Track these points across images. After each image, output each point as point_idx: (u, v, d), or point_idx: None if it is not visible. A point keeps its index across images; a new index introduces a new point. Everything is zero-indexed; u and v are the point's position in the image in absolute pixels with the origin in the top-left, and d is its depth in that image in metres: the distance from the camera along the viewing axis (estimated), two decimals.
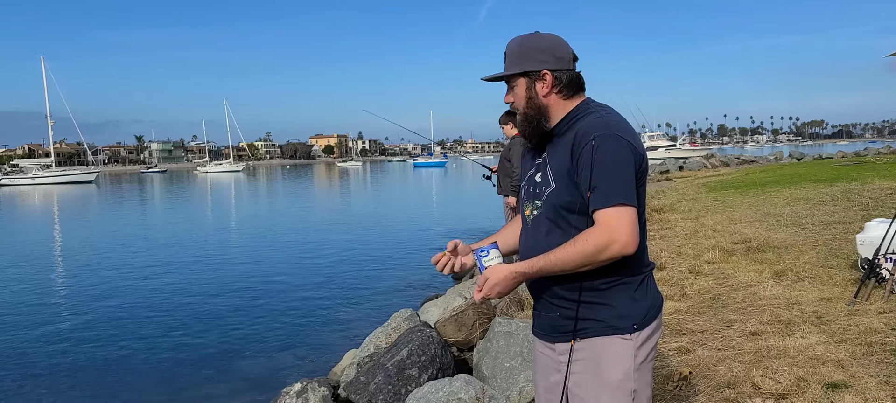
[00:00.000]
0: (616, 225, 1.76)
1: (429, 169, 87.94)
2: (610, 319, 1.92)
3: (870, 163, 20.75)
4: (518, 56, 1.96)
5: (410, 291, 10.44)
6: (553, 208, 1.93)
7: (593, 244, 1.77)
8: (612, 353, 1.91)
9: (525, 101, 1.97)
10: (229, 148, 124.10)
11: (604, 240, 1.77)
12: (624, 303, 1.91)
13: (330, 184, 56.20)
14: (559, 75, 1.94)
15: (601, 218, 1.78)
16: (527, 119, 1.99)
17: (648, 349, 1.95)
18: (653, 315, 1.97)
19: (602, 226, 1.78)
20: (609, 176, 1.78)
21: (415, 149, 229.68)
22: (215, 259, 14.73)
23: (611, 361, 1.91)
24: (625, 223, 1.77)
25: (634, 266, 1.92)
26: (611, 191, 1.77)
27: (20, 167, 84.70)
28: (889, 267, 4.99)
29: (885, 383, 3.42)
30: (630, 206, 1.78)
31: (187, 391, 6.54)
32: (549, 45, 1.95)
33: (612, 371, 1.91)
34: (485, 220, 17.99)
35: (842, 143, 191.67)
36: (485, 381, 4.27)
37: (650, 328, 1.96)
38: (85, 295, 11.15)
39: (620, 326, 1.91)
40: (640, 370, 1.93)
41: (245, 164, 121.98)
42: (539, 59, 1.94)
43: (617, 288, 1.91)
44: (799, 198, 11.42)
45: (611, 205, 1.77)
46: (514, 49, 1.97)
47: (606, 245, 1.77)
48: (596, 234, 1.78)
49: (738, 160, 41.70)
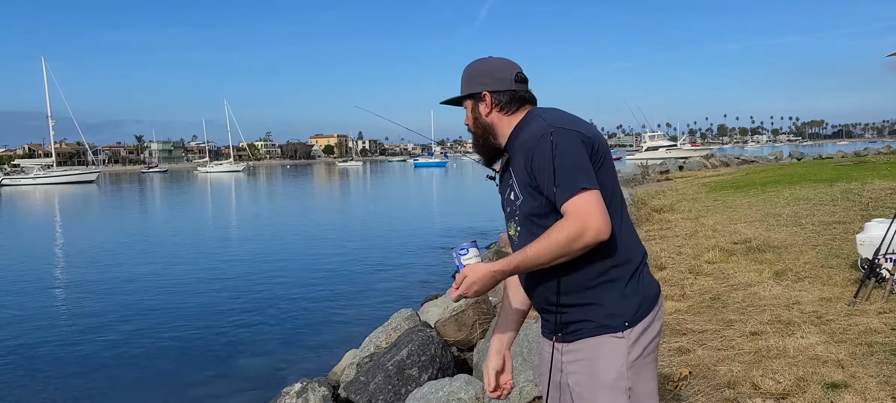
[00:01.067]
0: (585, 211, 1.78)
1: (429, 169, 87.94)
2: (601, 318, 1.93)
3: (870, 163, 20.76)
4: (465, 81, 2.10)
5: (410, 291, 10.45)
6: (526, 218, 1.97)
7: (566, 233, 1.79)
8: (605, 353, 1.93)
9: (473, 122, 2.11)
10: (229, 148, 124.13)
11: (576, 229, 1.78)
12: (614, 301, 1.93)
13: (330, 184, 56.21)
14: (498, 97, 2.05)
15: (570, 209, 1.80)
16: (474, 137, 2.12)
17: (644, 344, 1.95)
18: (646, 309, 1.97)
19: (571, 215, 1.80)
20: (565, 168, 1.82)
21: (415, 149, 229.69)
22: (216, 259, 14.74)
23: (604, 361, 1.93)
24: (593, 208, 1.79)
25: (621, 259, 1.94)
26: (572, 181, 1.81)
27: (21, 167, 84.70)
28: (889, 267, 4.99)
29: (885, 383, 3.42)
30: (594, 190, 1.81)
31: (188, 390, 6.55)
32: (492, 68, 2.08)
33: (605, 370, 1.93)
34: (487, 220, 18.01)
35: (842, 143, 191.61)
36: None
37: (644, 323, 1.95)
38: (86, 294, 11.16)
39: (611, 325, 1.93)
40: (634, 367, 1.93)
41: (245, 164, 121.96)
42: (480, 82, 2.07)
43: (606, 286, 1.93)
44: (799, 198, 11.43)
45: (575, 194, 1.80)
46: (464, 75, 2.12)
47: (579, 232, 1.78)
48: (567, 223, 1.80)
49: (738, 160, 41.72)
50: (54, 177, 67.61)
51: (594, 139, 1.92)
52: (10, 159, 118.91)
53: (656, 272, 6.45)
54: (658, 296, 2.03)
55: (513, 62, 2.11)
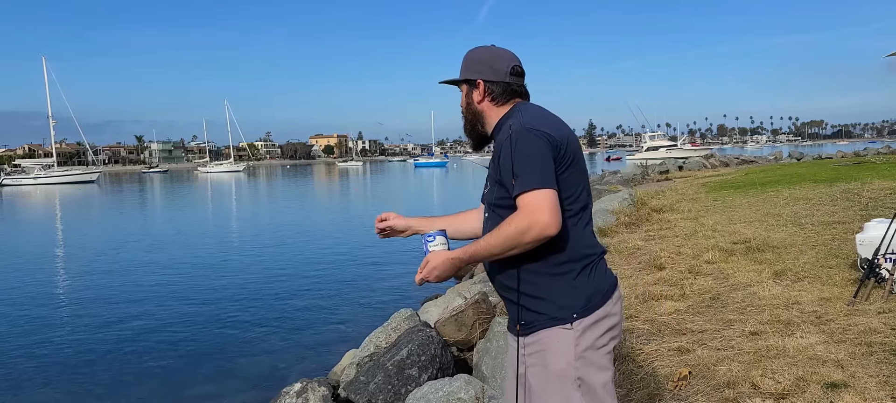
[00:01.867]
0: (535, 207, 1.86)
1: (430, 169, 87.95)
2: (552, 311, 2.00)
3: (869, 163, 20.76)
4: (464, 65, 2.18)
5: (410, 291, 10.45)
6: (491, 207, 2.08)
7: (515, 227, 1.87)
8: (554, 344, 1.99)
9: (465, 106, 2.20)
10: (230, 148, 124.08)
11: (525, 223, 1.86)
12: (563, 293, 1.99)
13: (331, 184, 56.20)
14: (491, 86, 2.12)
15: (521, 203, 1.89)
16: (465, 120, 2.22)
17: (594, 336, 1.99)
18: (597, 302, 2.01)
19: (522, 210, 1.88)
20: (524, 165, 1.90)
21: (415, 150, 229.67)
22: (216, 259, 14.74)
23: (554, 352, 1.98)
24: (544, 205, 1.86)
25: (573, 255, 2.00)
26: (528, 177, 1.88)
27: (22, 167, 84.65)
28: (888, 267, 4.99)
29: (884, 383, 3.43)
30: (548, 189, 1.88)
31: (188, 390, 6.55)
32: (490, 57, 2.15)
33: (555, 361, 1.98)
34: None
35: (841, 143, 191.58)
36: (485, 381, 4.28)
37: (595, 315, 2.00)
38: (87, 293, 11.16)
39: (561, 317, 1.99)
40: (584, 358, 1.97)
41: (246, 164, 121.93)
42: (476, 69, 2.14)
43: (556, 278, 2.00)
44: (799, 198, 11.43)
45: (529, 190, 1.87)
46: (464, 59, 2.20)
47: (528, 227, 1.86)
48: (517, 218, 1.88)
49: (737, 160, 41.72)
50: (55, 177, 67.60)
51: (562, 141, 1.98)
52: (10, 159, 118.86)
53: (656, 271, 6.46)
54: (613, 290, 2.07)
55: (512, 54, 2.18)
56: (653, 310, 5.20)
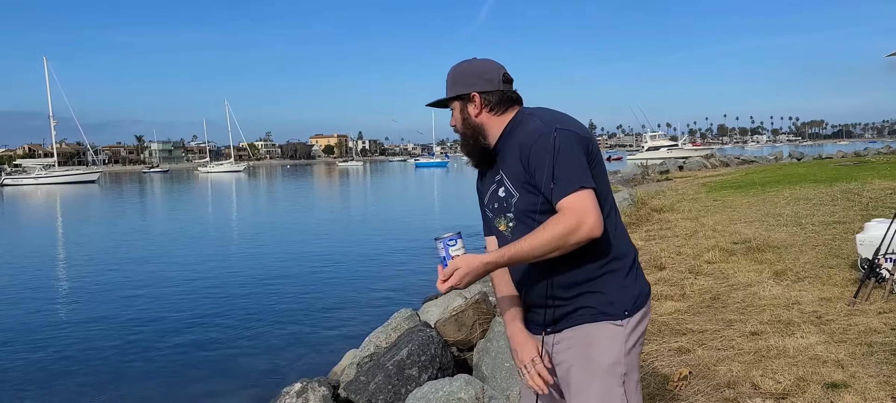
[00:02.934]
0: (581, 208, 1.85)
1: (431, 169, 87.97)
2: (600, 305, 1.99)
3: (870, 163, 20.75)
4: (452, 82, 2.12)
5: (410, 291, 10.45)
6: (523, 213, 2.01)
7: (563, 227, 1.84)
8: (603, 338, 1.98)
9: (461, 123, 2.12)
10: (230, 148, 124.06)
11: (572, 223, 1.84)
12: (614, 289, 1.99)
13: (331, 184, 56.22)
14: (487, 97, 2.08)
15: (566, 205, 1.87)
16: (464, 138, 2.13)
17: (638, 334, 2.02)
18: (642, 301, 2.04)
19: (568, 211, 1.86)
20: (563, 166, 1.88)
21: (415, 149, 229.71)
22: (217, 259, 14.75)
23: (602, 346, 1.98)
24: (589, 205, 1.86)
25: (619, 253, 2.01)
26: (569, 178, 1.87)
27: (23, 167, 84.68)
28: (889, 267, 4.99)
29: (884, 383, 3.43)
30: (589, 189, 1.88)
31: (188, 390, 6.55)
32: (479, 69, 2.10)
33: (603, 355, 1.97)
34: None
35: (842, 143, 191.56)
36: (485, 381, 4.28)
37: (640, 313, 2.02)
38: (87, 293, 11.16)
39: (611, 312, 1.98)
40: (630, 354, 1.99)
41: (246, 164, 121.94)
42: (468, 83, 2.09)
43: (606, 276, 1.99)
44: (799, 198, 11.43)
45: (572, 191, 1.86)
46: (449, 77, 2.14)
47: (576, 227, 1.84)
48: (564, 219, 1.85)
49: (738, 160, 41.73)
50: (56, 176, 67.60)
51: (589, 140, 1.98)
52: (10, 159, 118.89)
53: (656, 271, 6.46)
54: (650, 294, 2.10)
55: (498, 63, 2.16)
56: (653, 310, 5.19)
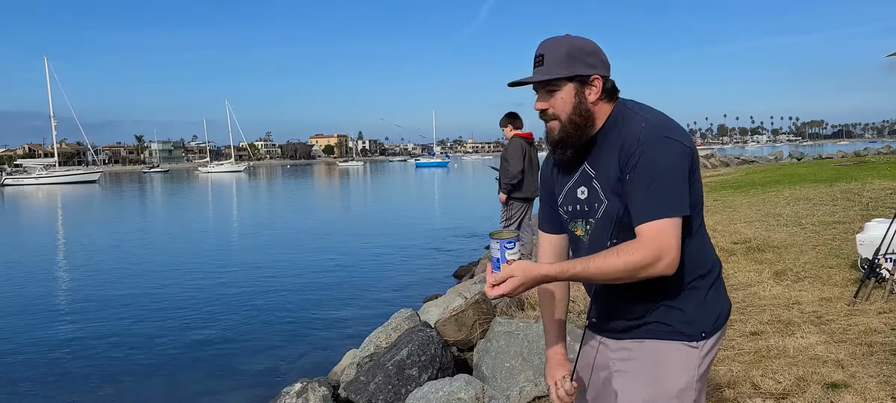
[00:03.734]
0: (663, 242, 1.65)
1: (431, 169, 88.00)
2: (678, 324, 1.82)
3: (870, 163, 20.75)
4: (567, 58, 1.79)
5: (410, 291, 10.44)
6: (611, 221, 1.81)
7: (639, 259, 1.65)
8: (675, 360, 1.81)
9: (571, 107, 1.81)
10: (230, 148, 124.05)
11: (650, 258, 1.65)
12: (694, 308, 1.82)
13: (332, 184, 56.21)
14: (607, 82, 1.83)
15: (647, 233, 1.67)
16: (573, 126, 1.82)
17: (712, 357, 1.86)
18: (722, 321, 1.88)
19: (649, 242, 1.66)
20: (661, 185, 1.68)
21: (415, 149, 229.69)
22: (217, 259, 14.75)
23: (674, 368, 1.81)
24: (671, 240, 1.66)
25: (704, 269, 1.84)
26: (662, 202, 1.68)
27: (24, 167, 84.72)
28: (889, 267, 4.99)
29: (885, 383, 3.42)
30: (676, 218, 1.68)
31: (188, 390, 6.55)
32: (595, 49, 1.84)
33: (673, 379, 1.80)
34: (486, 220, 17.99)
35: (842, 143, 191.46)
36: (485, 381, 4.28)
37: (716, 336, 1.86)
38: (88, 293, 11.16)
39: (688, 333, 1.81)
40: (701, 380, 1.84)
41: (247, 165, 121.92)
42: (589, 63, 1.80)
43: (690, 293, 1.82)
44: (799, 198, 11.42)
45: (657, 219, 1.67)
46: (559, 51, 1.80)
47: (652, 262, 1.65)
48: (642, 250, 1.66)
49: (738, 160, 41.70)
50: (57, 177, 67.60)
51: (693, 150, 1.77)
52: (10, 159, 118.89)
53: None
54: (730, 312, 1.92)
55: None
56: None
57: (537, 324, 4.41)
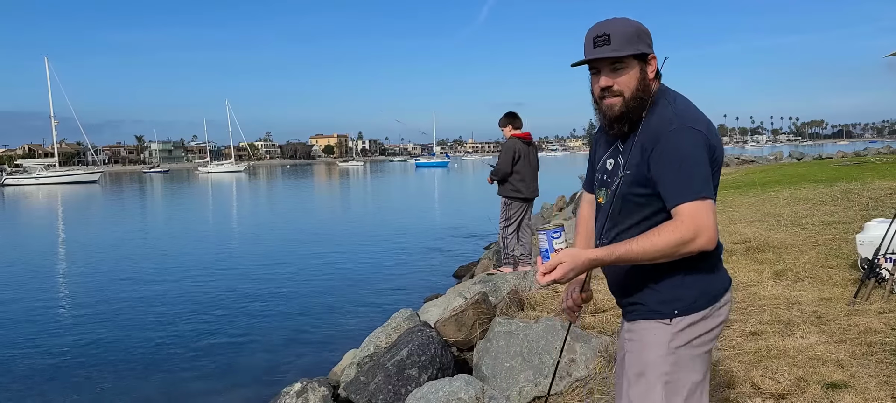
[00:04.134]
0: (701, 219, 1.76)
1: (431, 169, 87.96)
2: (653, 304, 1.95)
3: (870, 163, 20.74)
4: (635, 36, 1.90)
5: (410, 291, 10.45)
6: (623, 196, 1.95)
7: (679, 236, 1.77)
8: (651, 337, 1.95)
9: (636, 83, 1.91)
10: (230, 148, 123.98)
11: (690, 235, 1.76)
12: (669, 289, 1.93)
13: (332, 184, 56.20)
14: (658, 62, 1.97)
15: (684, 212, 1.78)
16: (636, 101, 1.92)
17: (691, 336, 1.93)
18: (703, 302, 1.94)
19: (686, 221, 1.77)
20: (688, 169, 1.80)
21: (415, 149, 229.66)
22: (217, 259, 14.75)
23: (649, 344, 1.95)
24: (708, 217, 1.77)
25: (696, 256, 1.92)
26: (691, 184, 1.78)
27: (24, 167, 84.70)
28: (889, 267, 4.99)
29: (884, 383, 3.42)
30: (711, 200, 1.79)
31: (188, 389, 6.55)
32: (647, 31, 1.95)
33: (646, 354, 1.95)
34: (486, 221, 17.99)
35: (842, 143, 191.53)
36: (485, 381, 4.27)
37: (697, 315, 1.94)
38: (88, 293, 11.16)
39: (661, 311, 1.94)
40: (676, 355, 1.92)
41: (247, 165, 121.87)
42: (648, 43, 1.93)
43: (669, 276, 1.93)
44: (799, 198, 11.42)
45: (693, 200, 1.77)
46: (625, 30, 1.90)
47: (691, 239, 1.77)
48: (682, 228, 1.77)
49: (738, 160, 41.65)
50: (57, 177, 67.58)
51: (717, 144, 1.89)
52: (10, 159, 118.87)
53: None
54: (724, 292, 2.00)
55: None
56: None
57: (537, 324, 4.41)
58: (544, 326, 4.35)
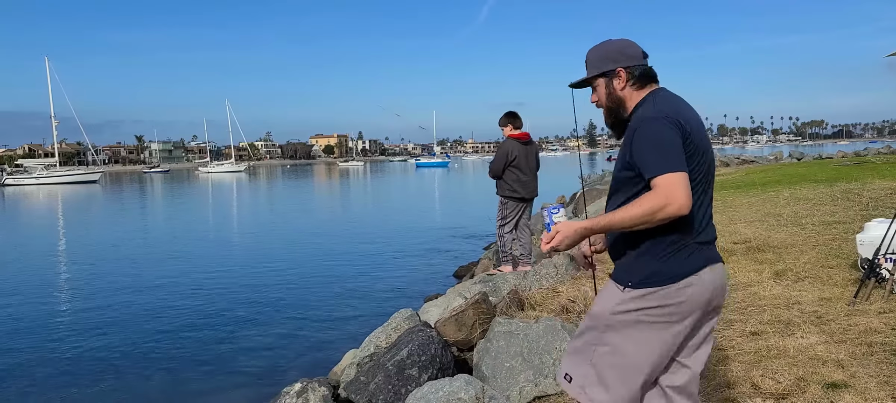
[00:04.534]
0: (671, 189, 2.01)
1: (432, 169, 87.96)
2: (619, 270, 2.27)
3: (870, 163, 20.74)
4: (598, 60, 2.33)
5: (410, 291, 10.45)
6: (618, 182, 2.28)
7: (650, 204, 2.03)
8: (606, 293, 2.27)
9: (606, 97, 2.34)
10: (230, 148, 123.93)
11: (661, 202, 2.02)
12: (631, 260, 2.22)
13: (332, 184, 56.20)
14: (631, 70, 2.29)
15: (657, 183, 2.04)
16: (608, 111, 2.35)
17: (638, 307, 2.17)
18: (656, 281, 2.15)
19: (658, 190, 2.03)
20: (657, 149, 2.07)
21: (415, 149, 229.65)
22: (217, 259, 14.76)
23: (602, 299, 2.28)
24: (679, 186, 2.02)
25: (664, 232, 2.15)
26: (662, 160, 2.05)
27: (25, 167, 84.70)
28: (889, 267, 4.99)
29: (885, 383, 3.42)
30: (681, 172, 2.04)
31: (188, 389, 6.56)
32: (620, 47, 2.32)
33: (598, 305, 2.28)
34: (486, 221, 18.00)
35: (842, 143, 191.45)
36: (485, 381, 4.27)
37: (648, 290, 2.16)
38: (89, 293, 11.17)
39: (621, 279, 2.23)
40: (620, 317, 2.19)
41: (247, 165, 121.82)
42: (613, 59, 2.30)
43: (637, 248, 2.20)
44: (799, 198, 11.42)
45: (665, 172, 2.03)
46: (593, 56, 2.35)
47: (663, 205, 2.02)
48: (653, 197, 2.03)
49: (738, 160, 41.67)
50: (58, 177, 67.57)
51: (691, 130, 2.14)
52: (10, 159, 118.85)
53: None
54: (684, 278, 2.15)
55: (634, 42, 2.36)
56: None
57: (537, 324, 4.41)
58: (544, 326, 4.35)
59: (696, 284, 2.15)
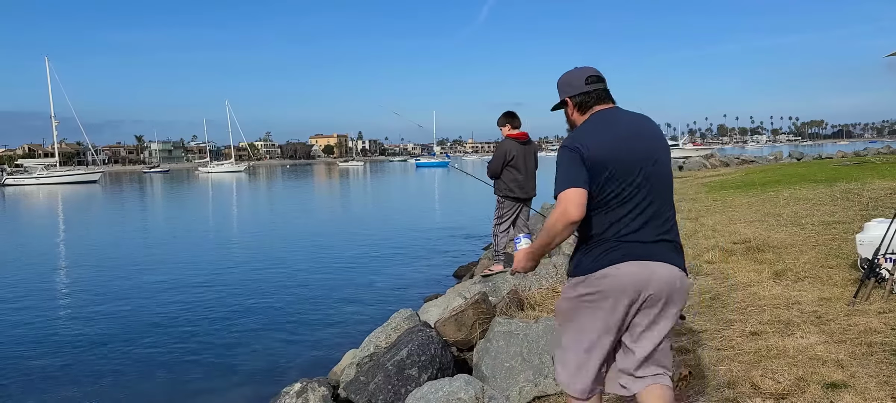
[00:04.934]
0: (563, 202, 2.46)
1: (432, 169, 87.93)
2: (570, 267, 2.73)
3: (870, 163, 20.74)
4: (558, 89, 2.79)
5: (410, 291, 10.45)
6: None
7: (553, 217, 2.50)
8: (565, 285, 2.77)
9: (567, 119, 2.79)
10: (230, 148, 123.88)
11: (558, 213, 2.47)
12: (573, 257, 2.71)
13: (332, 184, 56.19)
14: (574, 98, 2.72)
15: (557, 198, 2.49)
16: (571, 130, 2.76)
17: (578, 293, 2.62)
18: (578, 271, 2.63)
19: (557, 204, 2.49)
20: (558, 171, 2.53)
21: (415, 149, 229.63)
22: (217, 259, 14.75)
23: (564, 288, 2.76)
24: (570, 200, 2.45)
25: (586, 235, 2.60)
26: (560, 180, 2.50)
27: (25, 167, 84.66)
28: (889, 267, 4.99)
29: (884, 383, 3.42)
30: (575, 188, 2.46)
31: (188, 389, 6.56)
32: (568, 78, 2.74)
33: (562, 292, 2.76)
34: (485, 221, 18.00)
35: (842, 143, 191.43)
36: (485, 381, 4.27)
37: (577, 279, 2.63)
38: (89, 293, 11.17)
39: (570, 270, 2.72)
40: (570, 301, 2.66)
41: (247, 165, 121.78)
42: (564, 90, 2.75)
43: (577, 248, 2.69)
44: (799, 198, 11.42)
45: (560, 190, 2.48)
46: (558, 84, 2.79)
47: (558, 217, 2.47)
48: (555, 210, 2.50)
49: (737, 160, 41.69)
50: (58, 177, 67.52)
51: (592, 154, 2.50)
52: (10, 159, 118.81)
53: None
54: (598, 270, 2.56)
55: (587, 68, 2.73)
56: None
57: (537, 324, 4.41)
58: (544, 326, 4.35)
59: (612, 275, 2.53)
